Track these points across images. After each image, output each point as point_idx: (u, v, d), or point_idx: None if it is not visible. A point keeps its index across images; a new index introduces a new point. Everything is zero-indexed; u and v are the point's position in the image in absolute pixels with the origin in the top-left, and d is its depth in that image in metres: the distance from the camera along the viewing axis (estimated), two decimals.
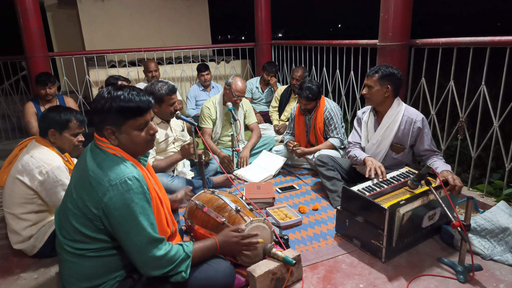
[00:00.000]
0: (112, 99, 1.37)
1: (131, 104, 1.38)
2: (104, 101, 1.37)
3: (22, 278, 1.97)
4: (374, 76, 2.42)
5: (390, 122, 2.45)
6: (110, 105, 1.37)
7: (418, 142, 2.43)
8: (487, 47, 2.46)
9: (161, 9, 6.62)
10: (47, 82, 3.54)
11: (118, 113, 1.38)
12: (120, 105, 1.37)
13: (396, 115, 2.43)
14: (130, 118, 1.40)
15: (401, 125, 2.43)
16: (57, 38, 6.75)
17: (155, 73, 4.40)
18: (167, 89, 2.72)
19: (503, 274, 1.86)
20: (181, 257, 1.45)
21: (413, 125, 2.40)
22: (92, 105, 1.42)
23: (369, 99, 2.48)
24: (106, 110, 1.37)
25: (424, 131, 2.40)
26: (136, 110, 1.40)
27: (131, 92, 1.40)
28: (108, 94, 1.39)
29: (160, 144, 2.88)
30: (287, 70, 5.28)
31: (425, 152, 2.42)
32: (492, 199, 2.58)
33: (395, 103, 2.45)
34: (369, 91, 2.45)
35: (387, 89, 2.40)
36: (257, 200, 2.62)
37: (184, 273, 1.44)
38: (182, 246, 1.48)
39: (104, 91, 1.41)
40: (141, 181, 1.38)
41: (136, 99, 1.40)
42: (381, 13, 2.96)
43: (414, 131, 2.40)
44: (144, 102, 1.42)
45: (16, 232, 2.05)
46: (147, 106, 1.43)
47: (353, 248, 2.12)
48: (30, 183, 1.96)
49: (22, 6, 3.90)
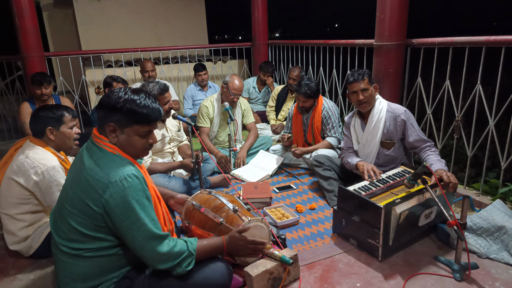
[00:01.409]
0: (127, 100, 1.39)
1: (144, 110, 1.40)
2: (118, 99, 1.38)
3: (18, 279, 1.96)
4: (364, 79, 2.45)
5: (375, 121, 2.49)
6: (124, 105, 1.38)
7: (406, 135, 2.46)
8: (482, 46, 2.47)
9: (157, 9, 6.60)
10: (42, 82, 3.52)
11: (127, 115, 1.39)
12: (133, 108, 1.38)
13: (380, 113, 2.48)
14: (137, 123, 1.41)
15: (386, 121, 2.48)
16: (53, 38, 6.71)
17: (152, 73, 4.39)
18: (158, 88, 2.71)
19: (499, 272, 1.87)
20: (185, 254, 1.44)
21: (397, 119, 2.45)
22: (104, 99, 1.42)
23: (367, 103, 2.48)
24: (117, 108, 1.38)
25: (410, 122, 2.44)
26: (146, 117, 1.41)
27: (147, 100, 1.42)
28: (125, 95, 1.40)
29: (156, 144, 2.87)
30: (284, 70, 5.28)
31: (416, 143, 2.43)
32: (488, 197, 2.59)
33: (377, 101, 2.52)
34: (366, 95, 2.45)
35: (375, 88, 2.52)
36: (255, 200, 2.62)
37: (186, 268, 1.44)
38: (186, 243, 1.48)
39: (121, 89, 1.42)
40: (140, 178, 1.39)
41: (150, 107, 1.42)
42: (377, 13, 2.97)
43: (400, 125, 2.45)
44: (155, 112, 1.44)
45: (12, 232, 2.04)
46: (156, 117, 1.45)
47: (350, 247, 2.13)
48: (25, 183, 1.95)
49: (17, 6, 3.87)
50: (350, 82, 2.49)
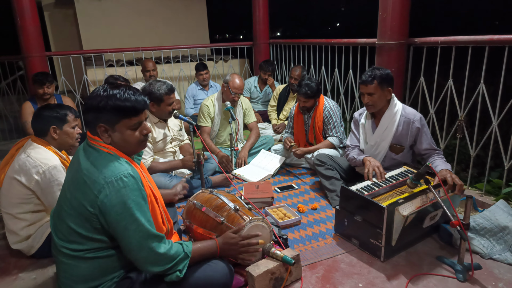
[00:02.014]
0: (108, 97, 1.36)
1: (127, 103, 1.38)
2: (99, 99, 1.37)
3: (20, 278, 1.96)
4: (372, 82, 2.35)
5: (388, 124, 2.43)
6: (106, 103, 1.36)
7: (417, 142, 2.42)
8: (485, 45, 2.45)
9: (158, 8, 6.60)
10: (44, 82, 3.53)
11: (112, 112, 1.37)
12: (116, 103, 1.36)
13: (394, 116, 2.41)
14: (124, 117, 1.39)
15: (399, 125, 2.41)
16: (54, 38, 6.72)
17: (153, 73, 4.39)
18: (166, 88, 2.71)
19: (501, 273, 1.86)
20: (180, 256, 1.44)
21: (411, 126, 2.38)
22: (87, 102, 1.41)
23: (372, 106, 2.42)
24: (101, 108, 1.36)
25: (423, 130, 2.38)
26: (131, 110, 1.39)
27: (127, 92, 1.40)
28: (104, 92, 1.38)
29: (157, 144, 2.87)
30: (285, 69, 5.27)
31: (425, 151, 2.40)
32: (491, 198, 2.58)
33: (392, 103, 2.43)
34: (371, 99, 2.39)
35: (389, 92, 2.38)
36: (256, 199, 2.61)
37: (179, 273, 1.43)
38: (182, 246, 1.48)
39: (100, 88, 1.41)
40: (136, 178, 1.38)
41: (132, 99, 1.39)
42: (379, 12, 2.96)
43: (413, 131, 2.39)
44: (139, 102, 1.41)
45: (14, 232, 2.04)
46: (142, 107, 1.43)
47: (352, 248, 2.12)
48: (27, 183, 1.95)
49: (19, 6, 3.88)
50: (360, 82, 2.43)
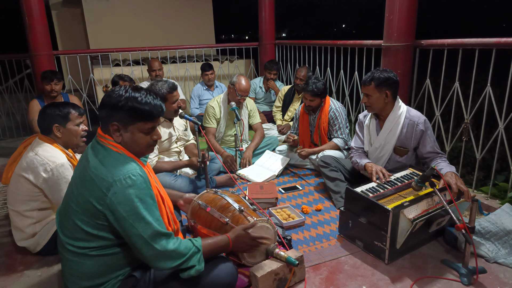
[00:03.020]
0: (128, 98, 1.39)
1: (146, 107, 1.40)
2: (119, 98, 1.39)
3: (26, 275, 1.98)
4: (370, 84, 2.37)
5: (393, 126, 2.42)
6: (125, 103, 1.38)
7: (421, 145, 2.41)
8: (492, 48, 2.44)
9: (165, 8, 6.62)
10: (53, 78, 3.60)
11: (130, 113, 1.39)
12: (135, 106, 1.39)
13: (398, 118, 2.40)
14: (140, 120, 1.42)
15: (403, 128, 2.41)
16: (61, 37, 6.77)
17: (159, 72, 4.40)
18: (167, 87, 2.71)
19: (507, 277, 1.85)
20: (192, 250, 1.44)
21: (415, 128, 2.38)
22: (105, 99, 1.43)
23: (370, 107, 2.45)
24: (119, 107, 1.38)
25: (427, 133, 2.37)
26: (149, 114, 1.42)
27: (148, 96, 1.42)
28: (126, 92, 1.40)
29: (163, 143, 2.88)
30: (290, 70, 5.27)
31: (428, 155, 2.40)
32: (497, 201, 2.56)
33: (396, 105, 2.42)
34: (368, 100, 2.41)
35: (386, 95, 2.37)
36: (260, 200, 2.61)
37: (198, 266, 1.43)
38: (191, 241, 1.48)
39: (121, 88, 1.43)
40: (144, 177, 1.39)
41: (151, 104, 1.42)
42: (386, 14, 2.95)
43: (417, 134, 2.38)
44: (157, 108, 1.44)
45: (20, 229, 2.06)
46: (159, 113, 1.46)
47: (356, 249, 2.11)
48: (34, 180, 1.97)
49: (27, 5, 3.92)
50: (361, 83, 2.46)
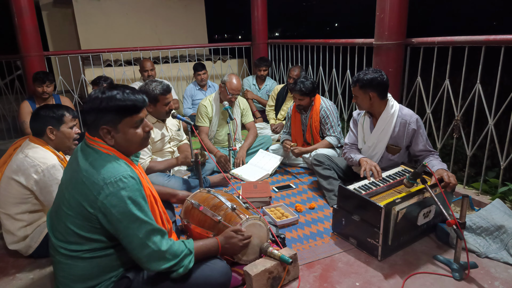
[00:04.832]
0: (108, 98, 1.38)
1: (128, 102, 1.40)
2: (99, 101, 1.38)
3: (18, 278, 1.96)
4: (355, 86, 2.43)
5: (385, 125, 2.45)
6: (107, 104, 1.37)
7: (413, 143, 2.43)
8: (482, 46, 2.47)
9: (157, 8, 6.59)
10: (45, 80, 3.56)
11: (114, 112, 1.39)
12: (117, 104, 1.38)
13: (391, 117, 2.43)
14: (126, 116, 1.41)
15: (395, 127, 2.43)
16: (52, 37, 6.70)
17: (151, 72, 4.38)
18: (161, 89, 2.70)
19: (498, 272, 1.87)
20: (184, 252, 1.45)
21: (407, 127, 2.40)
22: (87, 105, 1.42)
23: (360, 106, 2.51)
24: (102, 110, 1.37)
25: (419, 132, 2.40)
26: (133, 107, 1.41)
27: (126, 91, 1.42)
28: (103, 94, 1.39)
29: (156, 144, 2.87)
30: (283, 69, 5.28)
31: (420, 153, 2.42)
32: (488, 197, 2.59)
33: (388, 104, 2.44)
34: (356, 100, 2.48)
35: (370, 96, 2.40)
36: (254, 199, 2.62)
37: (184, 268, 1.44)
38: (183, 243, 1.49)
39: (97, 91, 1.42)
40: (135, 179, 1.39)
41: (132, 97, 1.41)
42: (377, 12, 2.96)
43: (409, 133, 2.40)
44: (139, 99, 1.44)
45: (11, 232, 2.04)
46: (142, 104, 1.46)
47: (350, 247, 2.13)
48: (25, 182, 1.95)
49: (17, 5, 3.87)
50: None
